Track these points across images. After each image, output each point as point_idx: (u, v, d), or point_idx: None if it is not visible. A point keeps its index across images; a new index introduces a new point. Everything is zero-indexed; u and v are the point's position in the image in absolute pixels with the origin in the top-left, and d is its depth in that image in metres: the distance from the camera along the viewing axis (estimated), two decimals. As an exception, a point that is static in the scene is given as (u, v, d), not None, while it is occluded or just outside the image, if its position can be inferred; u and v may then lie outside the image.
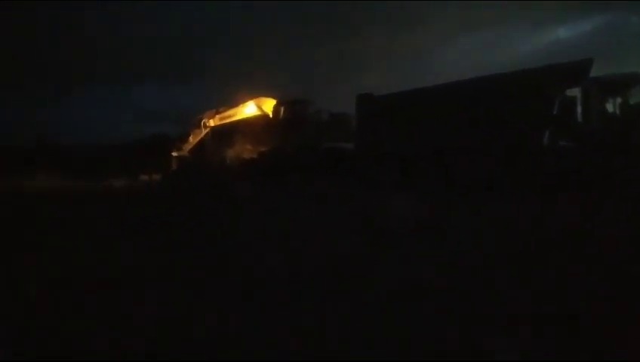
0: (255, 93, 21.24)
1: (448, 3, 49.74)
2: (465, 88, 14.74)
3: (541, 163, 12.35)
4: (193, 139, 22.99)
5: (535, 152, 12.62)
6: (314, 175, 15.80)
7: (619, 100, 12.48)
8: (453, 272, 4.51)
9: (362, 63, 55.04)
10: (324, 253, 5.51)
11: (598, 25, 54.83)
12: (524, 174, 12.25)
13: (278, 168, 17.91)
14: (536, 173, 12.11)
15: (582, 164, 11.65)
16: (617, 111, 12.50)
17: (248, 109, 21.10)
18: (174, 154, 22.81)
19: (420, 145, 14.85)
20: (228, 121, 22.16)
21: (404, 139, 15.26)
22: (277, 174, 17.14)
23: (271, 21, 54.85)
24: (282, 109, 19.70)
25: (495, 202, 10.08)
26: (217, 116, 22.54)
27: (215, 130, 22.77)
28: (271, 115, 20.10)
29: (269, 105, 20.36)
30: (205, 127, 22.92)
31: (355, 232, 6.80)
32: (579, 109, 12.48)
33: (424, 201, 9.61)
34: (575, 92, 12.55)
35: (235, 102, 22.01)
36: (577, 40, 45.27)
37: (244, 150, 21.32)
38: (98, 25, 52.84)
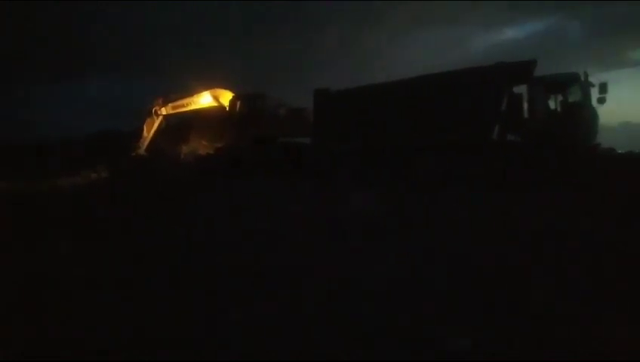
0: (212, 84, 20.61)
1: (401, 2, 51.03)
2: (419, 85, 15.15)
3: (491, 156, 12.98)
4: (147, 132, 21.79)
5: (485, 146, 13.24)
6: (271, 171, 15.68)
7: (560, 98, 13.37)
8: (419, 268, 4.69)
9: (320, 60, 55.39)
10: (289, 252, 5.55)
11: (541, 28, 58.79)
12: (476, 168, 12.83)
13: (234, 165, 17.58)
14: (487, 166, 12.73)
15: (528, 157, 12.40)
16: (558, 108, 13.40)
17: (204, 100, 20.34)
18: (133, 155, 21.51)
19: (375, 140, 15.13)
20: (181, 110, 21.24)
21: (360, 134, 15.48)
22: (234, 171, 16.84)
23: (229, 17, 53.94)
24: (239, 103, 19.27)
25: (451, 196, 10.49)
26: (170, 104, 21.48)
27: (168, 119, 21.80)
28: (227, 108, 19.62)
29: (225, 97, 19.82)
30: (157, 115, 21.66)
31: (315, 229, 6.87)
32: (525, 106, 13.23)
33: (381, 197, 9.83)
34: (521, 90, 13.29)
35: (189, 92, 21.17)
36: (522, 41, 48.34)
37: (199, 146, 20.70)
38: (47, 21, 49.30)
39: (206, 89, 20.27)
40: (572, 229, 5.96)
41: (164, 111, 21.51)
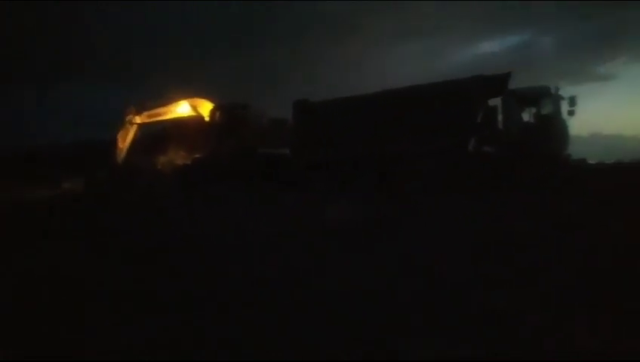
0: (190, 93, 20.31)
1: (382, 14, 52.16)
2: (398, 96, 15.37)
3: (467, 167, 13.19)
4: (122, 142, 21.18)
5: (461, 157, 13.45)
6: (250, 182, 15.55)
7: (533, 110, 13.75)
8: (398, 276, 4.68)
9: (301, 70, 55.74)
10: (271, 265, 5.47)
11: (516, 43, 61.32)
12: (452, 177, 13.01)
13: (213, 175, 17.36)
14: (463, 176, 12.91)
15: (503, 167, 12.66)
16: (532, 120, 13.77)
17: (181, 109, 19.90)
18: (109, 166, 20.88)
19: (355, 151, 15.22)
20: (157, 119, 20.68)
21: (339, 145, 15.55)
22: (212, 182, 16.63)
23: (209, 25, 54.00)
24: (219, 113, 19.09)
25: (429, 203, 10.57)
26: (145, 113, 20.69)
27: (143, 129, 21.22)
28: (207, 119, 19.38)
29: (204, 107, 19.54)
30: (131, 124, 20.88)
31: (297, 240, 6.81)
32: (499, 118, 13.55)
33: (359, 207, 9.83)
34: (496, 102, 13.62)
35: (166, 100, 20.52)
36: (499, 55, 50.20)
37: (177, 156, 20.34)
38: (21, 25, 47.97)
39: (184, 98, 20.00)
40: (543, 237, 6.07)
41: (138, 119, 20.80)
